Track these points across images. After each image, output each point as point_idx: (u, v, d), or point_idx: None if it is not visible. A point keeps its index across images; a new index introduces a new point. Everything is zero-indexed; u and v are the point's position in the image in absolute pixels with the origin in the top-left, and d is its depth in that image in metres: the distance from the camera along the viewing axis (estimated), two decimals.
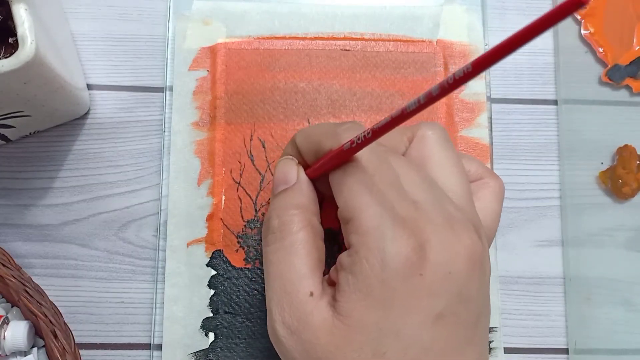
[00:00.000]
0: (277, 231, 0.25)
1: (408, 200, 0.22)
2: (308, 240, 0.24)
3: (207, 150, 0.33)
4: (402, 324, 0.21)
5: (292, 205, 0.25)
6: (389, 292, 0.21)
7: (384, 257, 0.21)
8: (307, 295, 0.23)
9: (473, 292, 0.22)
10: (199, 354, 0.31)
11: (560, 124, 0.36)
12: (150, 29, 0.36)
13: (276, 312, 0.23)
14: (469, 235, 0.22)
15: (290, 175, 0.26)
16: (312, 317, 0.22)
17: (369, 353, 0.21)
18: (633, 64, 0.37)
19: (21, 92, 0.27)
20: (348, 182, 0.23)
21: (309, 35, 0.35)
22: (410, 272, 0.21)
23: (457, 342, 0.22)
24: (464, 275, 0.22)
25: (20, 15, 0.25)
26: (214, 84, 0.34)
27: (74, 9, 0.35)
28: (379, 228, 0.22)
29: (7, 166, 0.34)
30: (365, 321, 0.22)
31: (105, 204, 0.34)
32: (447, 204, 0.23)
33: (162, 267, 0.32)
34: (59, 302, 0.32)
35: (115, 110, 0.35)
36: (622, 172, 0.35)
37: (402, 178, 0.23)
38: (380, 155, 0.24)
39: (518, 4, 0.38)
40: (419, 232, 0.22)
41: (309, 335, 0.22)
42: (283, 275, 0.24)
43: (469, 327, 0.23)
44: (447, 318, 0.22)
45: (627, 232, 0.35)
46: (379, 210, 0.22)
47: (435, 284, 0.21)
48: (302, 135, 0.26)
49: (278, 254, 0.24)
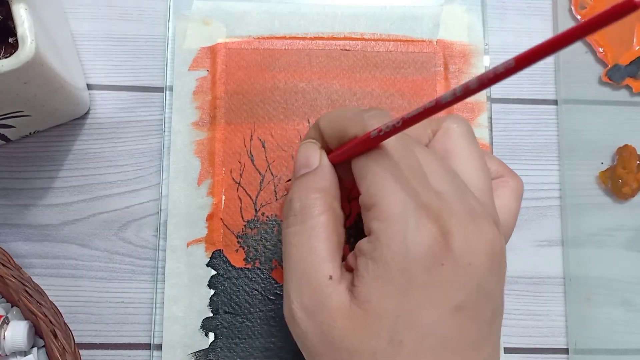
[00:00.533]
0: (298, 213, 0.24)
1: (431, 190, 0.22)
2: (329, 224, 0.24)
3: (207, 150, 0.33)
4: (421, 313, 0.21)
5: (315, 188, 0.25)
6: (409, 280, 0.21)
7: (406, 245, 0.21)
8: (326, 278, 0.23)
9: (492, 286, 0.22)
10: (199, 354, 0.31)
11: (560, 123, 0.36)
12: (150, 29, 0.36)
13: (294, 294, 0.23)
14: (490, 229, 0.23)
15: (312, 159, 0.26)
16: (330, 300, 0.22)
17: (385, 340, 0.21)
18: (633, 64, 0.37)
19: (21, 92, 0.27)
20: (372, 169, 0.23)
21: (309, 35, 0.35)
22: (431, 261, 0.21)
23: (473, 337, 0.22)
24: (485, 269, 0.22)
25: (20, 15, 0.25)
26: (214, 84, 0.34)
27: (74, 9, 0.35)
28: (402, 215, 0.22)
29: (7, 166, 0.34)
30: (383, 308, 0.22)
31: (105, 204, 0.34)
32: (469, 197, 0.23)
33: (162, 267, 0.32)
34: (59, 302, 0.32)
35: (115, 110, 0.35)
36: (622, 172, 0.35)
37: (426, 168, 0.23)
38: (406, 144, 0.24)
39: (518, 4, 0.38)
40: (442, 222, 0.22)
41: (326, 317, 0.22)
42: (303, 258, 0.24)
43: (485, 322, 0.22)
44: (465, 311, 0.22)
45: (627, 232, 0.35)
46: (403, 198, 0.22)
47: (456, 275, 0.21)
48: (327, 120, 0.26)
49: (299, 236, 0.24)
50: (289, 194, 0.26)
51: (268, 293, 0.32)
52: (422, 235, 0.21)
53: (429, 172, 0.23)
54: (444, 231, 0.22)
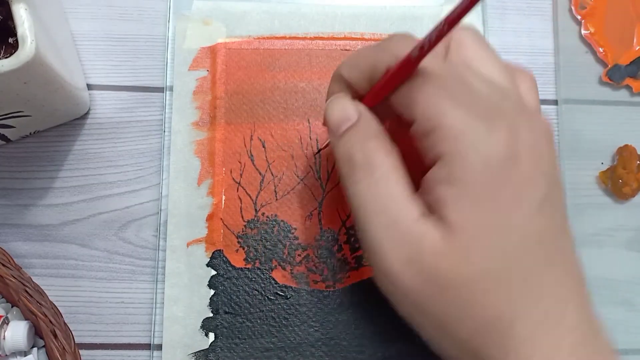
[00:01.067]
0: (364, 165, 0.23)
1: (483, 96, 0.22)
2: (397, 166, 0.23)
3: (207, 150, 0.33)
4: (515, 217, 0.21)
5: (368, 137, 0.24)
6: (495, 190, 0.21)
7: (482, 157, 0.21)
8: (414, 220, 0.22)
9: (558, 173, 0.24)
10: (199, 354, 0.31)
11: (561, 124, 0.36)
12: (150, 29, 0.36)
13: (386, 248, 0.22)
14: (540, 119, 0.24)
15: (349, 110, 0.25)
16: (425, 240, 0.22)
17: (493, 256, 0.21)
18: (633, 64, 0.37)
19: (21, 92, 0.27)
20: (422, 91, 0.22)
21: (309, 35, 0.35)
22: (509, 164, 0.21)
23: (558, 228, 0.23)
24: (550, 157, 0.23)
25: (20, 15, 0.25)
26: (214, 84, 0.34)
27: (74, 9, 0.35)
28: (468, 129, 0.21)
29: (7, 166, 0.34)
30: (482, 225, 0.21)
31: (105, 204, 0.34)
32: (510, 96, 0.23)
33: (162, 267, 0.32)
34: (59, 302, 0.32)
35: (115, 110, 0.35)
36: (622, 172, 0.35)
37: (466, 78, 0.23)
38: (440, 60, 0.23)
39: (518, 4, 0.38)
40: (505, 124, 0.22)
41: (429, 257, 0.22)
42: (387, 205, 0.23)
43: (563, 211, 0.24)
44: (547, 204, 0.22)
45: (627, 232, 0.35)
46: (464, 111, 0.22)
47: (533, 169, 0.22)
48: (349, 67, 0.25)
49: (374, 187, 0.23)
50: (342, 153, 0.24)
51: (268, 293, 0.32)
52: (495, 141, 0.21)
53: (471, 80, 0.23)
54: (513, 130, 0.22)
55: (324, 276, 0.32)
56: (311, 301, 0.32)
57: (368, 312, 0.32)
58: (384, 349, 0.32)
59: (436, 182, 0.22)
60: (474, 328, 0.22)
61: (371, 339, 0.32)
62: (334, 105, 0.25)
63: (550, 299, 0.22)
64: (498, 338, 0.22)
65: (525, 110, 0.23)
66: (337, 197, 0.33)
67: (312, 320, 0.32)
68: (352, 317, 0.32)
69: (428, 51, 0.21)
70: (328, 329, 0.32)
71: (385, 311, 0.32)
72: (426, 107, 0.22)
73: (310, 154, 0.33)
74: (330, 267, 0.32)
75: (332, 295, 0.32)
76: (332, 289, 0.32)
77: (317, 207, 0.33)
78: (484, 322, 0.22)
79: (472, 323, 0.22)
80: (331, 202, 0.33)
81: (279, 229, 0.33)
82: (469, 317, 0.22)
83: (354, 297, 0.32)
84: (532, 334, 0.21)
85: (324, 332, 0.32)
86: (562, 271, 0.23)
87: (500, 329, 0.21)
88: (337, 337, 0.32)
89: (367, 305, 0.32)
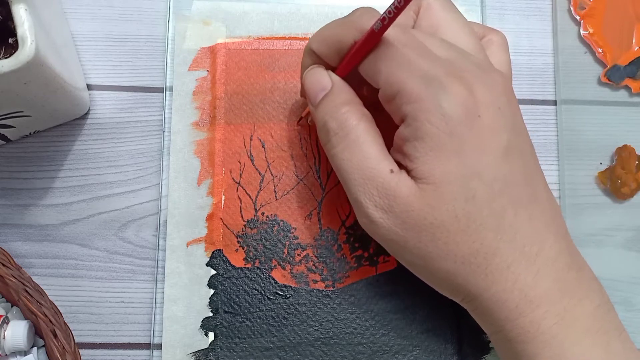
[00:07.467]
0: (338, 131, 0.26)
1: (440, 59, 0.25)
2: (370, 129, 0.26)
3: (207, 150, 0.33)
4: (480, 165, 0.24)
5: (341, 103, 0.26)
6: (459, 140, 0.24)
7: (444, 112, 0.23)
8: (388, 173, 0.25)
9: (521, 123, 0.26)
10: (199, 354, 0.31)
11: (560, 124, 0.36)
12: (150, 29, 0.36)
13: (365, 200, 0.25)
14: (499, 74, 0.26)
15: (324, 80, 0.27)
16: (399, 190, 0.24)
17: (460, 200, 0.24)
18: (632, 65, 0.37)
19: (21, 92, 0.27)
20: (384, 61, 0.25)
21: (308, 36, 0.35)
22: (470, 116, 0.24)
23: (527, 172, 0.25)
24: (510, 109, 0.25)
25: (20, 16, 0.25)
26: (214, 84, 0.34)
27: (74, 9, 0.35)
28: (429, 88, 0.24)
29: (7, 166, 0.34)
30: (447, 174, 0.24)
31: (105, 204, 0.34)
32: (471, 57, 0.26)
33: (162, 267, 0.32)
34: (59, 302, 0.32)
35: (115, 110, 0.35)
36: (621, 172, 0.35)
37: (427, 45, 0.25)
38: (402, 29, 0.25)
39: (517, 4, 0.38)
40: (464, 81, 0.24)
41: (402, 206, 0.24)
42: (361, 164, 0.25)
43: (531, 156, 0.26)
44: (513, 150, 0.24)
45: (626, 232, 0.36)
46: (423, 74, 0.24)
47: (493, 122, 0.24)
48: (317, 41, 0.27)
49: (348, 150, 0.26)
50: (319, 120, 0.27)
51: (268, 293, 0.32)
52: (454, 97, 0.23)
53: (430, 46, 0.25)
54: (469, 88, 0.24)
55: (323, 276, 0.32)
56: (311, 301, 0.32)
57: (367, 312, 0.32)
58: (384, 349, 0.32)
59: (403, 140, 0.25)
60: (453, 264, 0.24)
61: (370, 339, 0.32)
62: (311, 77, 0.28)
63: (526, 234, 0.24)
64: (478, 272, 0.24)
65: (484, 68, 0.25)
66: (337, 197, 0.33)
67: (312, 320, 0.32)
68: (352, 317, 0.32)
69: (389, 23, 0.23)
70: (327, 329, 0.32)
71: (385, 311, 0.32)
72: (388, 74, 0.25)
73: (310, 155, 0.34)
74: (330, 267, 0.32)
75: (332, 294, 0.32)
76: (331, 288, 0.32)
77: (316, 207, 0.33)
78: (462, 259, 0.24)
79: (452, 259, 0.24)
80: (331, 201, 0.33)
81: (278, 229, 0.33)
82: (447, 254, 0.24)
83: (353, 296, 0.32)
84: (511, 266, 0.24)
85: (323, 332, 0.32)
86: (536, 209, 0.25)
87: (478, 263, 0.24)
88: (336, 336, 0.32)
89: (366, 305, 0.32)
